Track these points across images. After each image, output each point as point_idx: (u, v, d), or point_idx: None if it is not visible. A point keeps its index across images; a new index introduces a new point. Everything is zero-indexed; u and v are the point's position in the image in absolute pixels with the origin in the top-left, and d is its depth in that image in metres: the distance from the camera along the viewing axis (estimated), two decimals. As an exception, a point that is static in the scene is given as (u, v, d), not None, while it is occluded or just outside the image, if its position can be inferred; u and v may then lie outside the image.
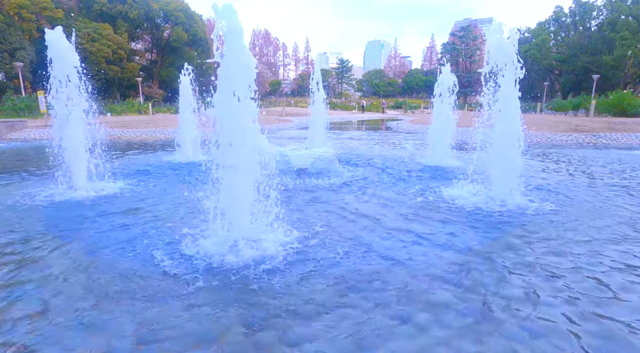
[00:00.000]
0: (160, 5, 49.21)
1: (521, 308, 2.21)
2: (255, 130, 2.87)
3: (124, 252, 3.01)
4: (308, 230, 3.50)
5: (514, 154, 4.53)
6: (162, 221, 3.82)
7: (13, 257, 2.95)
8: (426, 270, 2.73)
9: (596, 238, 3.39)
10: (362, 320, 2.09)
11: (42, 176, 6.17)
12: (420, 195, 5.05)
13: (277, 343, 1.92)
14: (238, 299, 2.31)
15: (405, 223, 3.85)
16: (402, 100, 72.27)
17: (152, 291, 2.40)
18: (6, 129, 14.93)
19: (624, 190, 5.42)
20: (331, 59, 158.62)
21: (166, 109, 34.70)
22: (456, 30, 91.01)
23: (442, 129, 7.58)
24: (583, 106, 27.87)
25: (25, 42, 35.40)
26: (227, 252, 2.87)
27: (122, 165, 7.27)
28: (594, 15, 50.71)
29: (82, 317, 2.11)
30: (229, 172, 2.92)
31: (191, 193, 4.83)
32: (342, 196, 5.03)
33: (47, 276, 2.62)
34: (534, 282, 2.54)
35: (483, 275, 2.65)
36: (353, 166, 7.37)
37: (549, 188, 5.40)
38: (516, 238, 3.40)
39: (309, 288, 2.45)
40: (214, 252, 2.90)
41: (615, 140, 13.42)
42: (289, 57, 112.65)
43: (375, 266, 2.80)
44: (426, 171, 6.79)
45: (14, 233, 3.50)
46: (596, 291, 2.43)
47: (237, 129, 2.85)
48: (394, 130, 20.19)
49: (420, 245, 3.25)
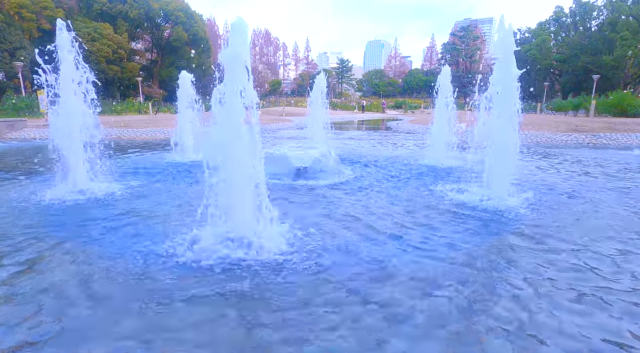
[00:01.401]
0: (160, 5, 49.21)
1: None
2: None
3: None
4: (308, 229, 3.50)
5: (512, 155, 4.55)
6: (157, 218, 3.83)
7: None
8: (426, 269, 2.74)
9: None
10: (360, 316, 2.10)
11: (49, 175, 6.16)
12: (420, 194, 5.06)
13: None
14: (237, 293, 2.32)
15: (405, 222, 3.86)
16: (402, 100, 72.21)
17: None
18: (6, 128, 14.94)
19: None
20: (331, 58, 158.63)
21: (166, 109, 34.67)
22: (456, 30, 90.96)
23: (442, 129, 7.63)
24: (583, 106, 27.86)
25: (26, 42, 35.40)
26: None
27: (127, 165, 7.28)
28: (594, 15, 50.69)
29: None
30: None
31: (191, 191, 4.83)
32: (342, 196, 5.03)
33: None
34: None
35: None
36: (353, 165, 7.38)
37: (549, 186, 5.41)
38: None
39: (313, 286, 2.45)
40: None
41: (615, 140, 13.42)
42: (289, 57, 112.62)
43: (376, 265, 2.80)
44: (426, 171, 6.81)
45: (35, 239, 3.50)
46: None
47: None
48: (394, 130, 20.19)
49: (420, 245, 3.25)
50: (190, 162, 7.67)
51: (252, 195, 3.00)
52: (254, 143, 2.93)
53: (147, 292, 2.37)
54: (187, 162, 7.74)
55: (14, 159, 8.78)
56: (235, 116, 2.89)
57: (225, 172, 2.92)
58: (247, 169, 2.94)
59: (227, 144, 2.90)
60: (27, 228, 3.61)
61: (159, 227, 3.60)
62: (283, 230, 3.33)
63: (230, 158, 2.92)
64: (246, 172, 2.94)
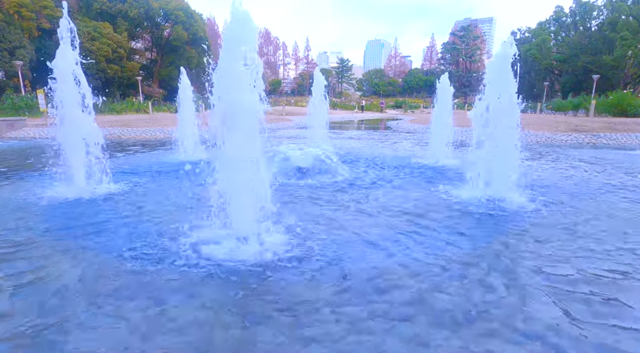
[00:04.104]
0: (160, 4, 49.23)
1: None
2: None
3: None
4: (307, 229, 3.51)
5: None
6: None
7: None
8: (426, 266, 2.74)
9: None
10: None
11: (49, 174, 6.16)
12: (420, 193, 5.06)
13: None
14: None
15: (407, 221, 3.86)
16: (402, 99, 72.31)
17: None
18: (6, 127, 14.93)
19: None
20: (331, 58, 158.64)
21: (166, 108, 34.69)
22: (456, 29, 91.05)
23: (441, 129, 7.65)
24: (583, 106, 27.89)
25: (25, 41, 35.40)
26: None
27: (132, 163, 7.28)
28: (594, 15, 50.77)
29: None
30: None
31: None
32: (342, 195, 5.03)
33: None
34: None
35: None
36: (353, 165, 7.38)
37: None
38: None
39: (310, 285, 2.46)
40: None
41: (615, 140, 13.44)
42: (289, 57, 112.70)
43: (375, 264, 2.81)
44: (426, 170, 6.83)
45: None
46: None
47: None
48: (393, 130, 20.20)
49: (422, 244, 3.26)
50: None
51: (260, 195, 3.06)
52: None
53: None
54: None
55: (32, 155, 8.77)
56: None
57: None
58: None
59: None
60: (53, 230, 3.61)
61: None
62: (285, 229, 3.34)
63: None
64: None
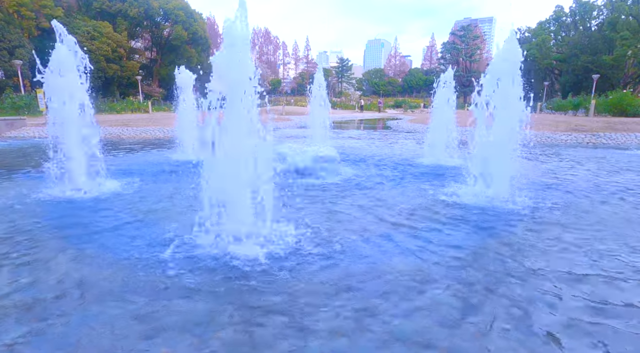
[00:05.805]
0: (160, 4, 49.17)
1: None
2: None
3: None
4: (306, 229, 3.51)
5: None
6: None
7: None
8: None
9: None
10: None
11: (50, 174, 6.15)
12: (420, 193, 5.06)
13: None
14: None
15: (407, 220, 3.86)
16: (402, 99, 72.31)
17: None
18: (6, 126, 14.91)
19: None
20: (331, 57, 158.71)
21: (166, 107, 34.68)
22: (456, 29, 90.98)
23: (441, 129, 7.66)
24: (583, 106, 27.90)
25: (25, 40, 35.35)
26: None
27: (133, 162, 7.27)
28: (594, 15, 50.78)
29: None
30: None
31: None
32: (342, 195, 5.03)
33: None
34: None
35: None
36: (353, 164, 7.38)
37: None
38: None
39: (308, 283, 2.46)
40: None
41: (615, 139, 13.45)
42: (289, 56, 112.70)
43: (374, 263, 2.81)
44: (426, 170, 6.83)
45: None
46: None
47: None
48: (393, 129, 20.19)
49: (422, 243, 3.26)
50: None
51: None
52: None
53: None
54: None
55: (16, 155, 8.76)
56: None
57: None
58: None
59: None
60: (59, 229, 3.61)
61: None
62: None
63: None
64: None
